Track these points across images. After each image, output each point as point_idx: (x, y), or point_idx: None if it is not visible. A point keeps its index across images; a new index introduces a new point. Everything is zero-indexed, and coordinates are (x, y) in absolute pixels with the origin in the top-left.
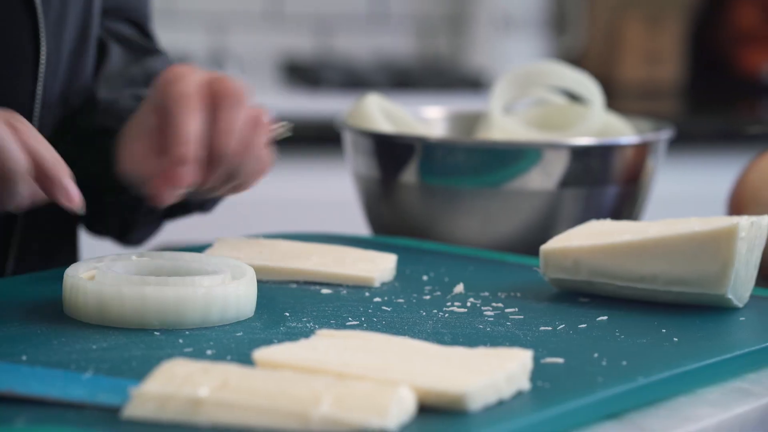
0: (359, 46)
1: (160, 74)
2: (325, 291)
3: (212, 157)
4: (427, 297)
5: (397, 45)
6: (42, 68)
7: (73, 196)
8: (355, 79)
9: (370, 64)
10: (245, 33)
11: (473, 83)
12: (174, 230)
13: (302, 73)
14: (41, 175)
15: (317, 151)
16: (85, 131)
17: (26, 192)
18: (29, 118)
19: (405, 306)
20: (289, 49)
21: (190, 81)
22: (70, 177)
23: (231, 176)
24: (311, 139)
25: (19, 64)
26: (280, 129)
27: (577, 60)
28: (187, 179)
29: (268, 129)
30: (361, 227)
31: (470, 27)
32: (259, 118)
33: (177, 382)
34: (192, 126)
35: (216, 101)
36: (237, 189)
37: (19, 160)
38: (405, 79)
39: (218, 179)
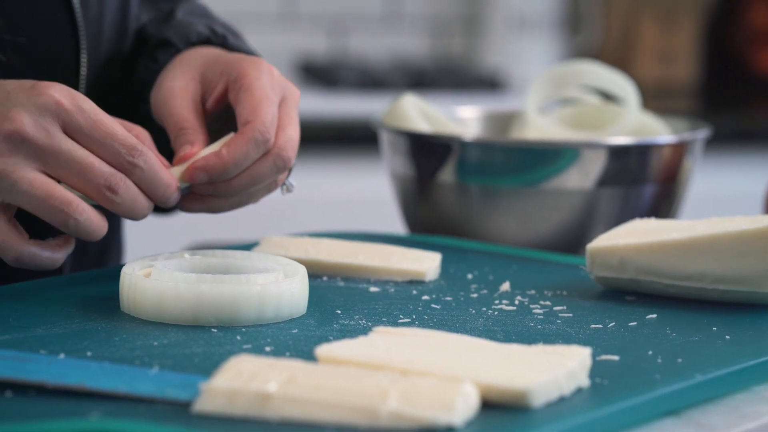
0: (374, 46)
1: (241, 64)
2: (373, 289)
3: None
4: (475, 295)
5: (411, 45)
6: (83, 72)
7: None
8: (370, 80)
9: (385, 65)
10: (260, 33)
11: (488, 83)
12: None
13: (317, 74)
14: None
15: (337, 151)
16: (147, 40)
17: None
18: None
19: (454, 304)
20: (303, 49)
21: (272, 111)
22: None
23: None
24: (328, 138)
25: (59, 71)
26: (285, 188)
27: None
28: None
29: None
30: (386, 226)
31: (485, 27)
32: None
33: (245, 377)
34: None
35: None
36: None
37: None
38: (420, 79)
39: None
